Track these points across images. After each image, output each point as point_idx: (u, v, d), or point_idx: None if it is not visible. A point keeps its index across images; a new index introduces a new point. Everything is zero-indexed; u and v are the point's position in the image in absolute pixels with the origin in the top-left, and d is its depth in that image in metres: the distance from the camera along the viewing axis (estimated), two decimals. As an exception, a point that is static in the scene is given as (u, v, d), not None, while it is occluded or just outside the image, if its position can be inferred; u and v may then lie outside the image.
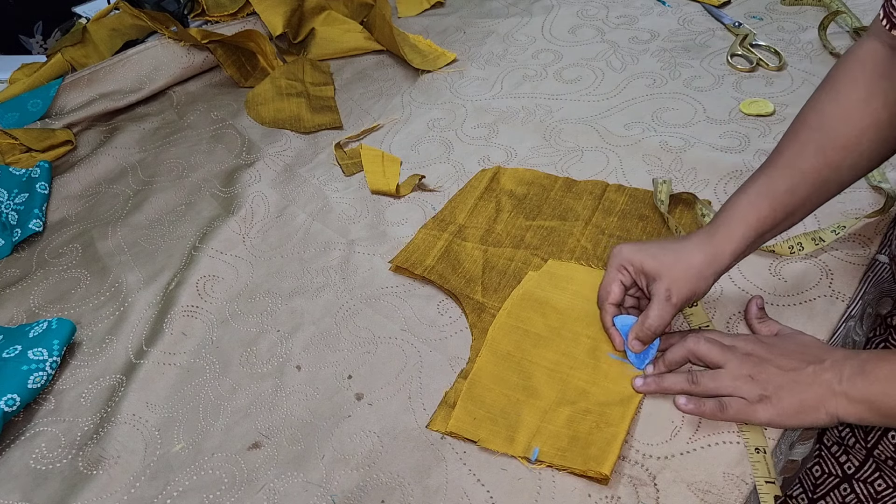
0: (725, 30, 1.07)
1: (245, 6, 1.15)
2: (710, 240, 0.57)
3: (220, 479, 0.58)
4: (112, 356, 0.70)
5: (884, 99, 0.55)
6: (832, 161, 0.56)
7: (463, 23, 1.22)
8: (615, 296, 0.59)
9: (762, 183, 0.58)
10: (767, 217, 0.57)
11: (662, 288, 0.56)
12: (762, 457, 0.53)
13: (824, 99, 0.57)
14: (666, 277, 0.56)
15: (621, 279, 0.59)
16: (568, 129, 0.92)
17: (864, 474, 0.66)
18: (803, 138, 0.57)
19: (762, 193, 0.57)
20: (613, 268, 0.59)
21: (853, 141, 0.56)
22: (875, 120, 0.55)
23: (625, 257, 0.59)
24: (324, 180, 0.90)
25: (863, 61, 0.57)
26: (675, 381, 0.56)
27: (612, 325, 0.60)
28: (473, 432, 0.57)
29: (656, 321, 0.57)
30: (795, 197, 0.57)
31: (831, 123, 0.56)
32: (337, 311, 0.72)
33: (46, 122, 1.01)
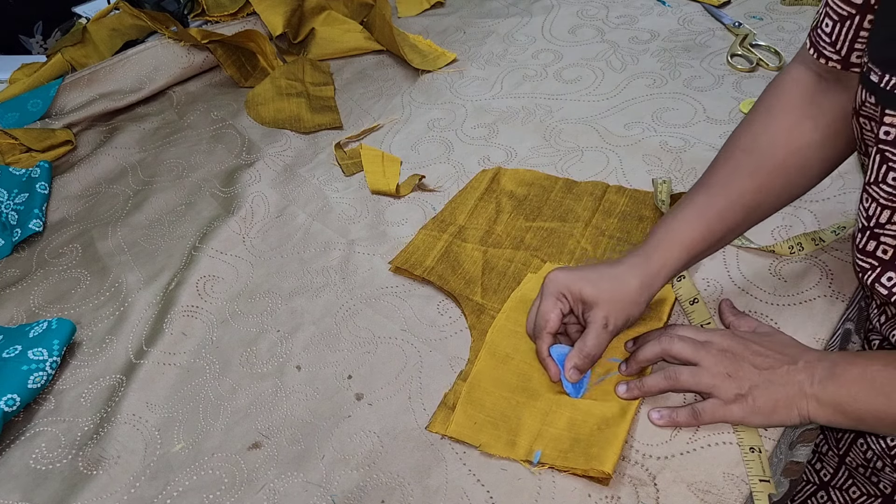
0: (725, 30, 1.07)
1: (245, 6, 1.15)
2: (646, 264, 0.57)
3: (220, 479, 0.58)
4: (112, 356, 0.70)
5: (812, 124, 0.58)
6: (763, 184, 0.58)
7: (463, 23, 1.22)
8: (553, 325, 0.58)
9: (696, 205, 0.58)
10: (701, 240, 0.58)
11: (600, 315, 0.56)
12: (757, 456, 0.53)
13: (756, 122, 0.59)
14: (604, 305, 0.56)
15: (560, 308, 0.58)
16: (568, 129, 0.92)
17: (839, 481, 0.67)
18: (736, 161, 0.59)
19: (696, 216, 0.58)
20: (552, 296, 0.57)
21: (782, 165, 0.57)
22: (803, 144, 0.57)
23: (563, 285, 0.57)
24: (324, 180, 0.90)
25: (792, 87, 0.59)
26: (655, 382, 0.56)
27: (549, 354, 0.59)
28: (474, 437, 0.57)
29: (594, 349, 0.56)
30: (727, 220, 0.58)
31: (762, 147, 0.58)
32: (337, 311, 0.72)
33: (46, 122, 1.01)
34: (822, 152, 0.58)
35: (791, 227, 0.71)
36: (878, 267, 0.54)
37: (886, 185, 0.50)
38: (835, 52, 0.55)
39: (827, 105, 0.58)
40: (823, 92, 0.58)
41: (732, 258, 0.69)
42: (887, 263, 0.53)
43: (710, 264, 0.69)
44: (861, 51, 0.54)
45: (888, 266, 0.53)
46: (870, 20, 0.52)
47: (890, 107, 0.47)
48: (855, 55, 0.54)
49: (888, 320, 0.60)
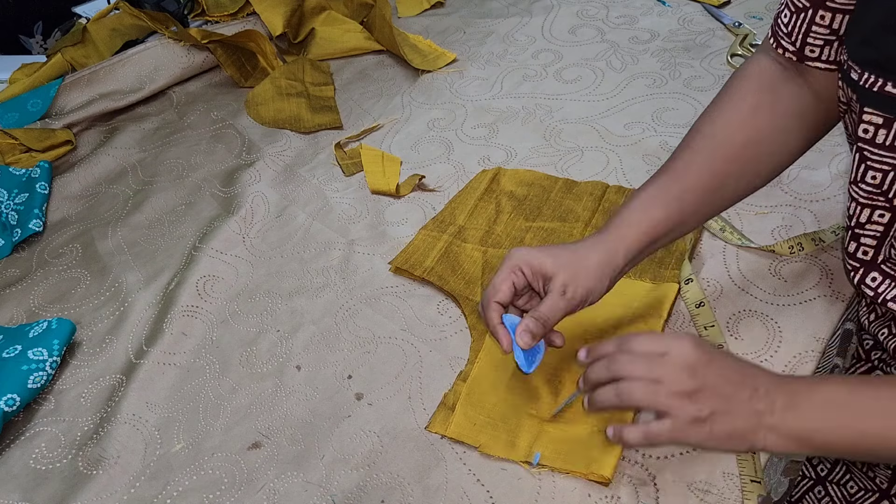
0: (725, 30, 1.07)
1: (245, 6, 1.15)
2: (604, 242, 0.57)
3: (220, 479, 0.58)
4: (112, 356, 0.70)
5: (769, 111, 0.57)
6: (719, 171, 0.57)
7: (463, 23, 1.22)
8: (503, 294, 0.56)
9: (656, 189, 0.58)
10: (660, 223, 0.57)
11: (559, 283, 0.55)
12: (750, 457, 0.53)
13: (716, 111, 0.59)
14: (562, 274, 0.55)
15: (514, 279, 0.56)
16: (568, 129, 0.92)
17: (836, 476, 0.67)
18: (694, 147, 0.59)
19: (656, 199, 0.57)
20: (507, 268, 0.56)
21: (738, 152, 0.57)
22: (760, 132, 0.57)
23: (521, 258, 0.56)
24: (324, 180, 0.90)
25: (752, 76, 0.59)
26: (606, 398, 0.50)
27: (500, 322, 0.56)
28: (474, 438, 0.57)
29: (549, 312, 0.54)
30: (685, 204, 0.57)
31: (719, 134, 0.58)
32: (337, 311, 0.72)
33: (46, 122, 1.01)
34: (778, 140, 0.58)
35: (791, 227, 0.71)
36: (860, 268, 0.54)
37: (865, 183, 0.50)
38: (790, 42, 0.56)
39: (785, 94, 0.57)
40: (783, 81, 0.58)
41: (732, 258, 0.69)
42: (869, 264, 0.53)
43: (711, 264, 0.69)
44: (814, 45, 0.54)
45: (870, 267, 0.53)
46: (821, 15, 0.52)
47: (868, 105, 0.47)
48: (808, 49, 0.55)
49: (877, 319, 0.60)
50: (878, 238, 0.52)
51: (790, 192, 0.75)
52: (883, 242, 0.52)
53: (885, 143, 0.47)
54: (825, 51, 0.54)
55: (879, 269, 0.53)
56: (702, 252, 0.71)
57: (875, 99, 0.46)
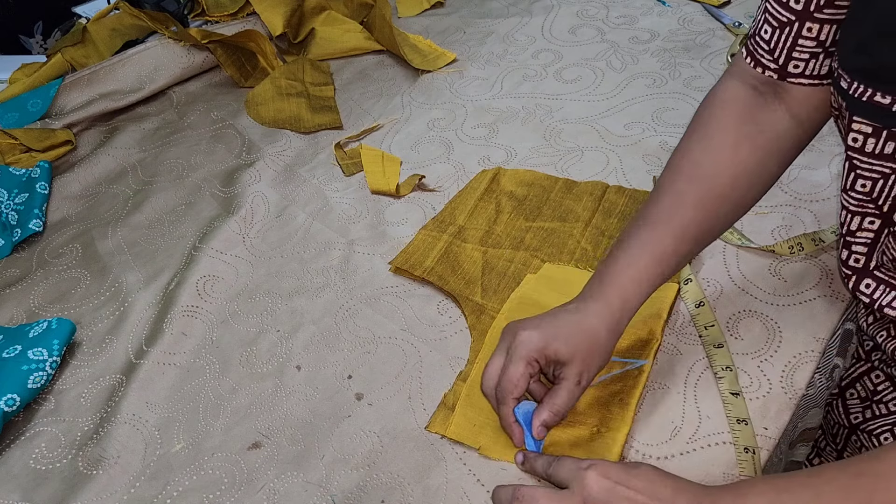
0: (725, 30, 1.07)
1: (245, 6, 1.15)
2: (609, 311, 0.54)
3: (220, 479, 0.58)
4: (112, 356, 0.70)
5: (751, 144, 0.56)
6: (711, 211, 0.56)
7: (463, 23, 1.22)
8: (522, 391, 0.54)
9: (644, 243, 0.56)
10: (657, 278, 0.56)
11: (573, 372, 0.53)
12: (750, 457, 0.53)
13: (696, 148, 0.57)
14: (578, 362, 0.53)
15: (531, 372, 0.54)
16: (568, 129, 0.92)
17: None
18: (679, 192, 0.56)
19: (646, 254, 0.55)
20: (523, 360, 0.53)
21: (728, 190, 0.56)
22: (745, 167, 0.56)
23: (536, 349, 0.53)
24: (324, 180, 0.90)
25: (729, 105, 0.57)
26: None
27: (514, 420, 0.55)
28: (473, 439, 0.57)
29: (566, 406, 0.54)
30: (680, 254, 0.56)
31: (706, 174, 0.56)
32: (337, 311, 0.72)
33: (46, 122, 1.01)
34: (762, 171, 0.56)
35: (791, 227, 0.71)
36: (852, 275, 0.54)
37: (855, 192, 0.50)
38: (772, 60, 0.54)
39: (766, 122, 0.56)
40: (761, 107, 0.56)
41: (732, 258, 0.69)
42: (861, 271, 0.53)
43: (710, 264, 0.69)
44: (798, 60, 0.53)
45: (863, 273, 0.53)
46: (808, 28, 0.51)
47: (857, 114, 0.47)
48: (792, 64, 0.53)
49: (875, 322, 0.60)
50: (868, 245, 0.52)
51: (790, 192, 0.75)
52: (874, 249, 0.52)
53: (875, 152, 0.47)
54: (810, 64, 0.53)
55: (872, 275, 0.53)
56: (702, 252, 0.71)
57: (863, 108, 0.46)
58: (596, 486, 0.46)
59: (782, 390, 0.58)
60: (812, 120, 0.56)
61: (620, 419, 0.56)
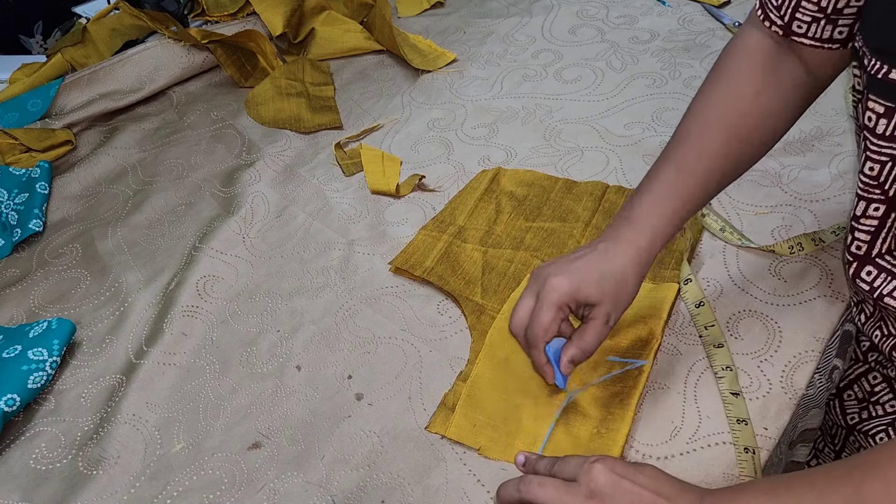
0: (725, 30, 1.07)
1: (245, 6, 1.15)
2: (637, 253, 0.56)
3: (220, 479, 0.58)
4: (112, 356, 0.70)
5: (773, 90, 0.58)
6: (736, 155, 0.58)
7: (463, 23, 1.22)
8: (552, 335, 0.56)
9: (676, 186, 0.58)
10: (682, 219, 0.58)
11: (602, 313, 0.55)
12: (750, 457, 0.53)
13: (722, 94, 0.59)
14: (606, 303, 0.55)
15: (561, 317, 0.55)
16: (568, 129, 0.92)
17: None
18: (706, 135, 0.58)
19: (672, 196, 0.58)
20: (553, 306, 0.54)
21: (753, 135, 0.58)
22: (769, 112, 0.58)
23: (567, 294, 0.54)
24: (324, 180, 0.90)
25: (753, 52, 0.59)
26: None
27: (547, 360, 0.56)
28: (473, 439, 0.57)
29: (593, 344, 0.56)
30: (706, 195, 0.59)
31: (732, 120, 0.58)
32: (337, 311, 0.72)
33: (46, 122, 1.01)
34: (783, 117, 0.59)
35: (791, 227, 0.71)
36: (853, 262, 0.54)
37: (864, 175, 0.50)
38: (779, 16, 0.56)
39: (785, 70, 0.58)
40: (781, 59, 0.58)
41: (732, 258, 0.69)
42: (862, 258, 0.53)
43: (710, 264, 0.69)
44: (801, 21, 0.54)
45: (865, 261, 0.53)
46: None
47: (872, 92, 0.47)
48: (796, 24, 0.55)
49: (868, 320, 0.60)
50: (871, 233, 0.52)
51: (790, 192, 0.75)
52: (877, 237, 0.52)
53: (885, 133, 0.47)
54: (812, 27, 0.54)
55: (874, 262, 0.53)
56: (702, 252, 0.71)
57: (879, 86, 0.47)
58: (602, 478, 0.46)
59: (782, 390, 0.58)
60: (823, 74, 0.58)
61: (620, 419, 0.56)
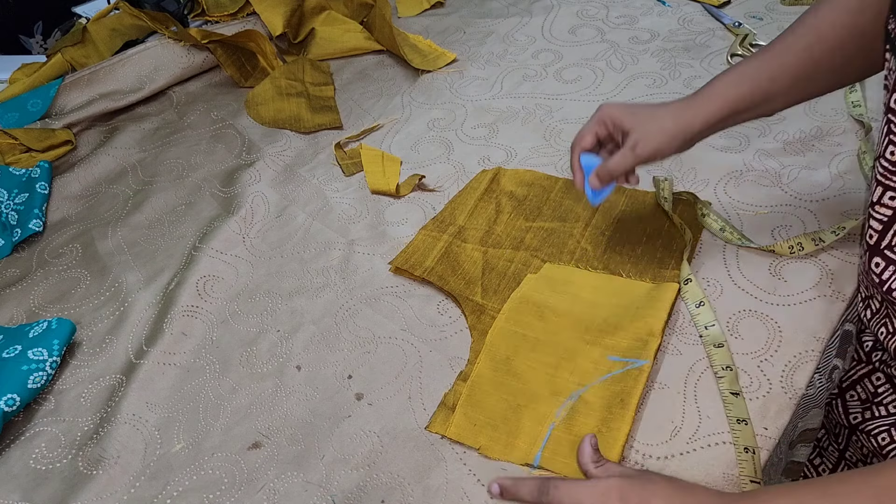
0: (725, 30, 1.07)
1: (245, 6, 1.16)
2: (687, 108, 0.62)
3: (220, 479, 0.58)
4: (112, 356, 0.70)
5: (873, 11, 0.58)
6: (817, 59, 0.59)
7: (463, 23, 1.22)
8: (587, 143, 0.65)
9: (748, 66, 0.61)
10: (745, 97, 0.60)
11: (631, 140, 0.62)
12: (750, 457, 0.53)
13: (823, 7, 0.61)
14: (637, 132, 0.62)
15: (597, 130, 0.65)
16: (568, 129, 0.92)
17: None
18: (796, 34, 0.61)
19: (746, 76, 0.61)
20: (594, 120, 0.65)
21: (840, 45, 0.59)
22: (862, 30, 0.58)
23: (607, 113, 0.64)
24: (324, 180, 0.90)
25: None
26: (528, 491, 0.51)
27: (579, 165, 0.66)
28: (474, 439, 0.57)
29: (617, 164, 0.63)
30: (777, 84, 0.60)
31: (823, 26, 0.59)
32: (337, 311, 0.72)
33: (46, 122, 1.01)
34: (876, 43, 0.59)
35: (791, 227, 0.71)
36: (866, 252, 0.54)
37: (884, 159, 0.50)
38: None
39: None
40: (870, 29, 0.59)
41: (732, 258, 0.69)
42: (872, 249, 0.53)
43: (710, 264, 0.69)
44: None
45: (874, 252, 0.53)
46: None
47: None
48: None
49: (874, 315, 0.59)
50: (884, 223, 0.52)
51: (790, 192, 0.75)
52: (889, 227, 0.52)
53: None
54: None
55: (883, 254, 0.53)
56: (702, 252, 0.71)
57: None
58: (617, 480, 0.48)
59: (782, 390, 0.58)
60: None
61: (620, 419, 0.56)
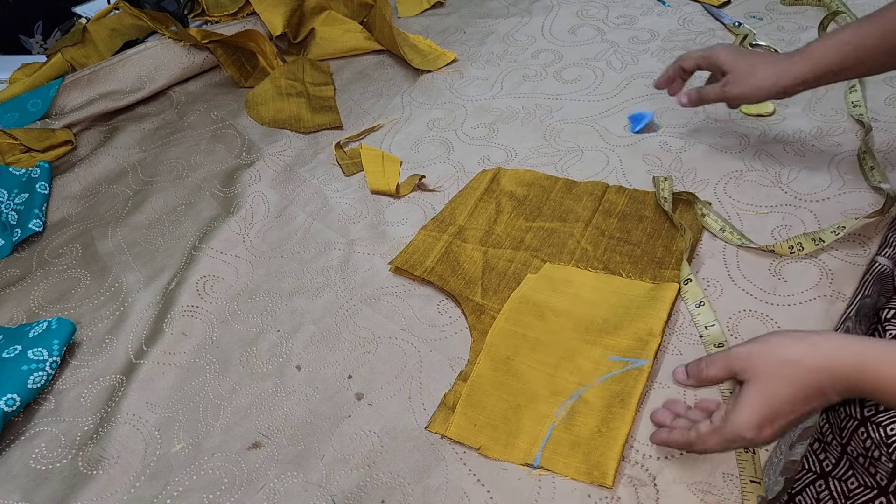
0: (725, 30, 1.07)
1: (245, 6, 1.15)
2: (782, 62, 0.69)
3: (220, 479, 0.58)
4: (112, 356, 0.70)
5: None
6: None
7: (463, 23, 1.22)
8: (687, 64, 0.77)
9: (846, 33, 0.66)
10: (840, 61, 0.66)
11: (724, 79, 0.72)
12: (750, 456, 0.53)
13: None
14: (732, 75, 0.72)
15: (700, 63, 0.75)
16: (568, 129, 0.92)
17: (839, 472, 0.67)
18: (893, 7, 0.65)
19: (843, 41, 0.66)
20: (703, 53, 0.75)
21: None
22: None
23: (715, 52, 0.74)
24: (324, 180, 0.90)
25: None
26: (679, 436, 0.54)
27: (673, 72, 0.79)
28: (474, 439, 0.57)
29: (707, 94, 0.75)
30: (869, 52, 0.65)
31: None
32: (337, 311, 0.72)
33: (46, 122, 1.01)
34: None
35: (791, 227, 0.71)
36: None
37: None
38: None
39: None
40: None
41: (732, 258, 0.69)
42: None
43: (710, 264, 0.69)
44: None
45: None
46: None
47: None
48: None
49: None
50: None
51: (790, 192, 0.75)
52: None
53: None
54: None
55: None
56: (702, 252, 0.71)
57: None
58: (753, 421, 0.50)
59: (782, 390, 0.58)
60: None
61: (621, 418, 0.56)
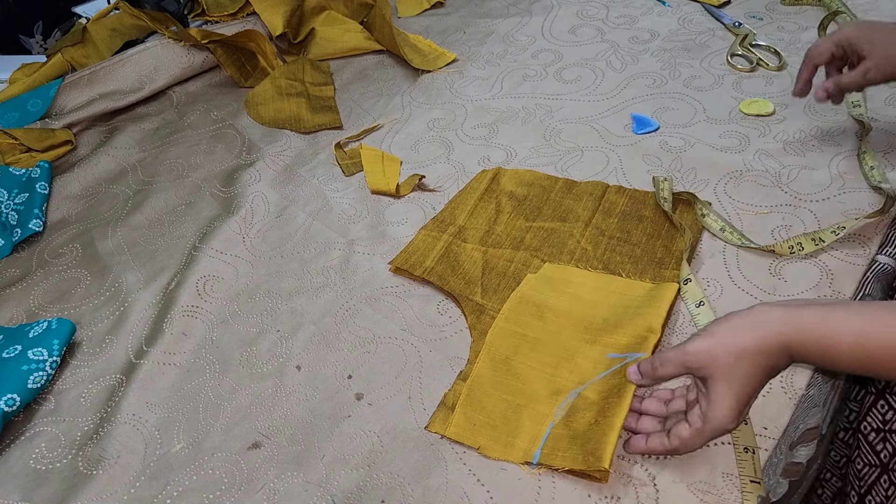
0: (725, 30, 1.07)
1: (245, 6, 1.15)
2: None
3: (220, 479, 0.58)
4: (112, 356, 0.70)
5: None
6: None
7: (463, 23, 1.22)
8: (823, 58, 0.72)
9: None
10: None
11: (864, 66, 0.69)
12: (750, 457, 0.53)
13: None
14: (871, 59, 0.69)
15: (834, 50, 0.71)
16: (568, 129, 0.92)
17: None
18: None
19: None
20: (833, 39, 0.71)
21: None
22: None
23: (844, 34, 0.70)
24: (324, 180, 0.90)
25: None
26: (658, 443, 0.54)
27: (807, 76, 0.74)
28: (473, 439, 0.57)
29: (848, 82, 0.71)
30: None
31: None
32: (337, 311, 0.72)
33: (46, 122, 1.01)
34: None
35: (791, 227, 0.71)
36: None
37: None
38: None
39: None
40: None
41: (732, 258, 0.69)
42: None
43: (710, 264, 0.69)
44: None
45: None
46: None
47: None
48: None
49: None
50: None
51: (790, 192, 0.75)
52: None
53: None
54: None
55: None
56: (702, 252, 0.71)
57: None
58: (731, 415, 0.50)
59: (782, 390, 0.58)
60: None
61: (617, 406, 0.56)
